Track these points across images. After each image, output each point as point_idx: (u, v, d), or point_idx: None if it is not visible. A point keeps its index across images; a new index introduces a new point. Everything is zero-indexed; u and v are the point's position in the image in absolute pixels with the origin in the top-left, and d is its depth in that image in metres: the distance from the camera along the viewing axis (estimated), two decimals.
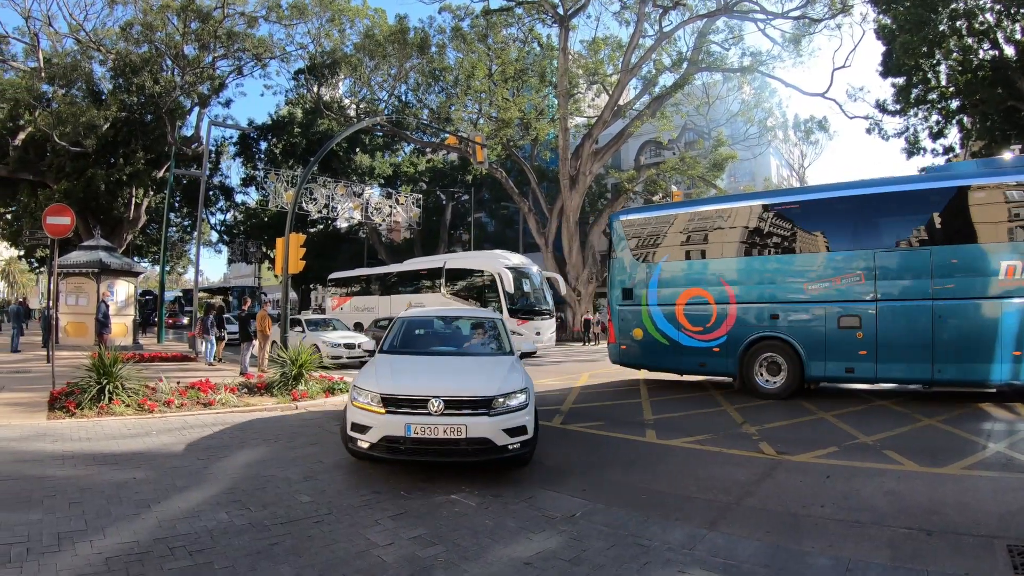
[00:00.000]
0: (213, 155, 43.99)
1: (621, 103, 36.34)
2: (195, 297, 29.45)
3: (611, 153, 38.06)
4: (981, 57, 23.40)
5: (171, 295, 56.92)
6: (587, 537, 5.58)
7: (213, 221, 54.46)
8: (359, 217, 41.85)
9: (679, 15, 33.64)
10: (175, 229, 49.17)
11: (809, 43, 32.48)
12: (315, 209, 37.44)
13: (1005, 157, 15.69)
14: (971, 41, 23.38)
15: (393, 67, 38.73)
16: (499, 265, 25.50)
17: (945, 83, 24.41)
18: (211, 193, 47.26)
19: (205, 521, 5.76)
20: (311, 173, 32.46)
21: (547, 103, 41.28)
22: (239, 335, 18.85)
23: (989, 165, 12.96)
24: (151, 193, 39.79)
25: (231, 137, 49.70)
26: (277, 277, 29.71)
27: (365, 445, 7.05)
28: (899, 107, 25.53)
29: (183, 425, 10.16)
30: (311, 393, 13.15)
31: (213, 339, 20.61)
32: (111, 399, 10.95)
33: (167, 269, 38.65)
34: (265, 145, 51.34)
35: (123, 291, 25.39)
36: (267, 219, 48.83)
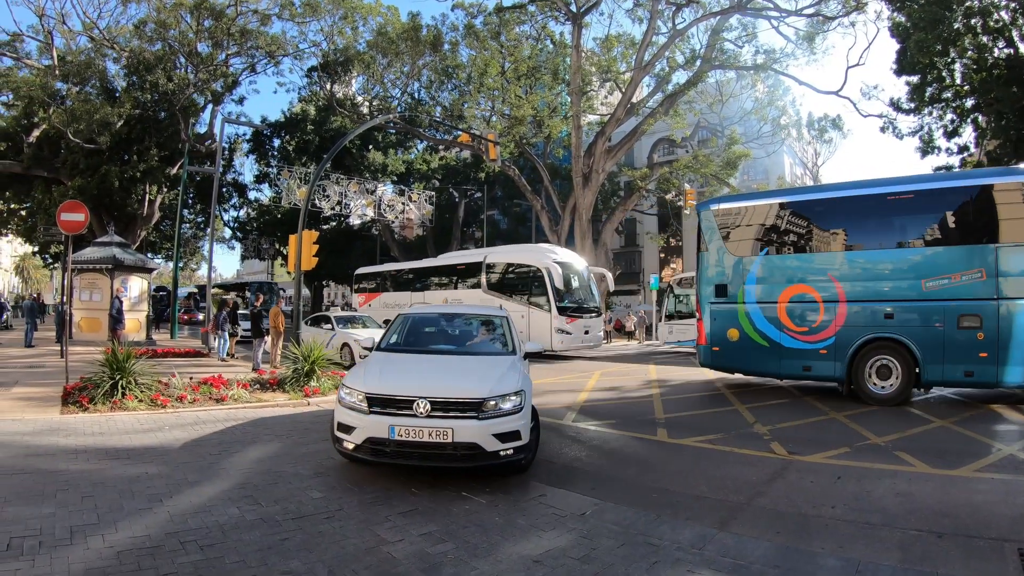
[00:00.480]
0: (226, 152, 44.18)
1: (634, 101, 36.20)
2: (208, 293, 29.57)
3: (624, 151, 37.91)
4: (996, 55, 23.20)
5: (185, 291, 57.25)
6: (597, 535, 5.57)
7: (226, 218, 54.75)
8: (372, 214, 41.89)
9: (692, 12, 33.52)
10: (188, 226, 49.41)
11: (823, 41, 32.32)
12: (328, 206, 37.51)
13: None
14: (986, 39, 23.19)
15: (406, 64, 38.73)
16: (547, 259, 24.28)
17: (960, 81, 24.23)
18: (224, 190, 47.49)
19: (216, 516, 5.79)
20: (324, 170, 32.47)
21: (560, 101, 41.18)
22: (251, 331, 18.91)
23: None
24: (165, 190, 40.01)
25: (244, 134, 49.98)
26: (290, 274, 29.84)
27: (350, 446, 6.83)
28: (913, 106, 25.35)
29: (195, 420, 10.21)
30: (323, 389, 13.16)
31: (226, 335, 20.71)
32: (124, 394, 11.01)
33: (180, 265, 38.81)
34: (278, 142, 51.58)
35: (136, 287, 25.56)
36: (280, 216, 48.95)
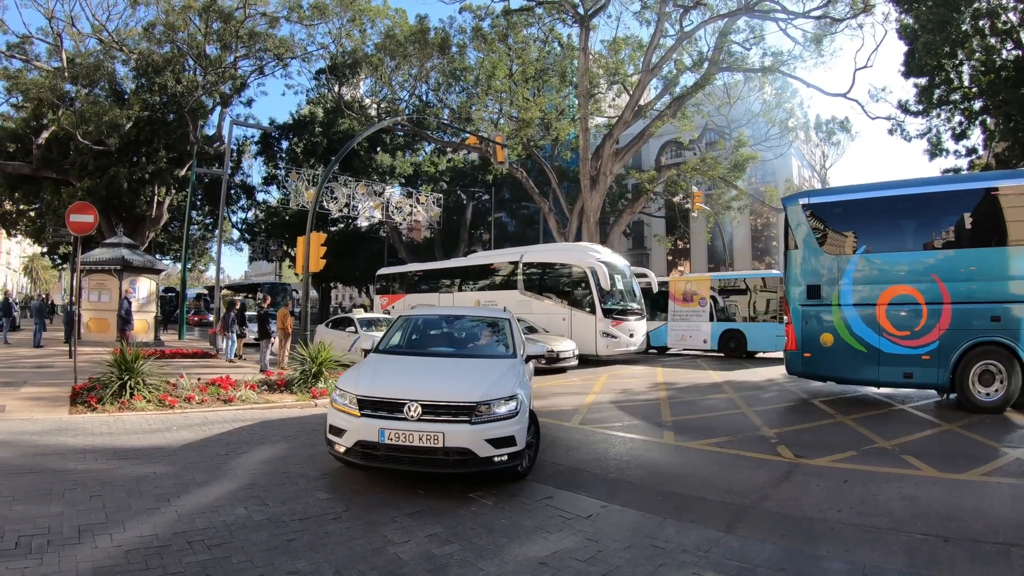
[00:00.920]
0: (235, 154, 44.25)
1: (642, 103, 36.18)
2: (217, 294, 29.66)
3: (632, 153, 37.90)
4: (1004, 57, 23.09)
5: (194, 292, 57.41)
6: (603, 538, 5.58)
7: (234, 219, 54.99)
8: (380, 216, 41.99)
9: (700, 15, 33.49)
10: (197, 227, 49.50)
11: (831, 43, 32.23)
12: (336, 208, 37.56)
13: None
14: (994, 41, 23.09)
15: (414, 67, 38.73)
16: (591, 259, 23.11)
17: (968, 83, 24.09)
18: (232, 192, 47.61)
19: (224, 516, 5.82)
20: (332, 172, 32.55)
21: (568, 103, 41.19)
22: (258, 332, 18.95)
23: None
24: (173, 191, 40.07)
25: (253, 136, 50.09)
26: (298, 275, 29.88)
27: (341, 449, 6.77)
28: (921, 108, 25.22)
29: (203, 421, 10.25)
30: (331, 391, 13.16)
31: (234, 336, 20.77)
32: (132, 395, 11.08)
33: (188, 267, 38.93)
34: (286, 144, 51.66)
35: (145, 288, 25.66)
36: (288, 218, 49.08)
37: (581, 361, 21.23)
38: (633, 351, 23.47)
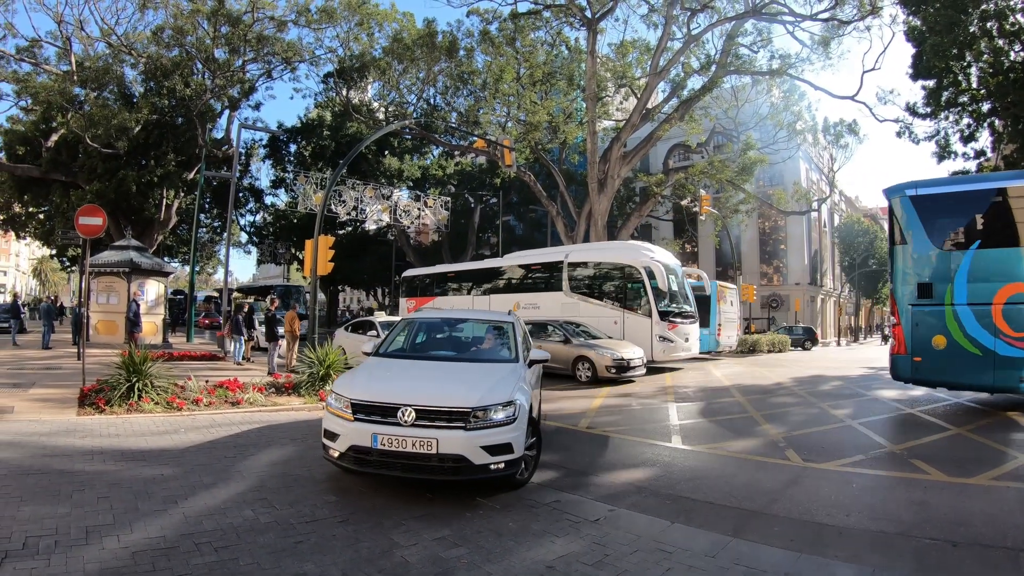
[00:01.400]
0: (243, 157, 44.44)
1: (649, 106, 36.14)
2: (224, 297, 29.73)
3: (639, 156, 37.88)
4: (1012, 59, 22.95)
5: (203, 295, 57.53)
6: (610, 541, 5.55)
7: (243, 222, 55.08)
8: (387, 219, 42.02)
9: (707, 18, 33.48)
10: (205, 230, 49.69)
11: (838, 45, 32.18)
12: (344, 211, 37.61)
13: None
14: (1002, 43, 22.96)
15: (421, 71, 38.77)
16: (645, 258, 22.01)
17: (976, 85, 23.96)
18: (241, 195, 47.70)
19: (231, 518, 5.81)
20: (340, 176, 32.59)
21: (575, 106, 41.16)
22: (266, 335, 18.97)
23: None
24: (182, 194, 40.23)
25: (261, 139, 50.29)
26: (306, 278, 29.92)
27: (335, 454, 6.62)
28: (929, 110, 25.08)
29: (211, 423, 10.25)
30: None
31: (242, 339, 20.80)
32: (140, 397, 11.08)
33: (197, 269, 39.04)
34: (294, 147, 51.90)
35: (153, 291, 25.73)
36: (296, 221, 49.22)
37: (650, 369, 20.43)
38: (687, 356, 22.75)
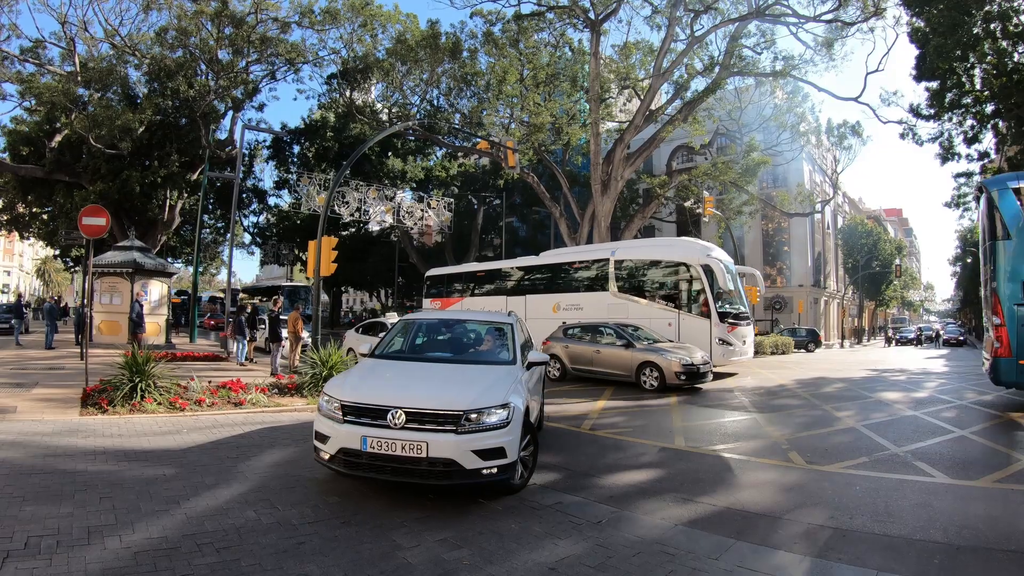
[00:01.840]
0: (246, 158, 44.44)
1: (653, 108, 36.08)
2: (228, 297, 29.75)
3: (643, 158, 37.81)
4: (1016, 60, 22.96)
5: (208, 295, 57.60)
6: (613, 544, 5.52)
7: (246, 223, 55.10)
8: (391, 221, 42.08)
9: (710, 19, 33.42)
10: (208, 231, 49.68)
11: (842, 47, 32.09)
12: (347, 212, 37.65)
13: None
14: (1006, 44, 22.96)
15: (425, 72, 38.77)
16: (702, 254, 20.72)
17: (980, 87, 23.96)
18: (244, 195, 47.74)
19: (233, 519, 5.80)
20: (343, 177, 32.56)
21: (579, 108, 41.12)
22: (269, 336, 18.95)
23: None
24: (185, 195, 40.30)
25: (264, 140, 50.30)
26: (309, 279, 29.91)
27: (325, 456, 6.54)
28: (933, 111, 25.09)
29: (213, 424, 10.24)
30: None
31: (245, 339, 20.79)
32: (143, 397, 11.08)
33: (200, 270, 39.10)
34: (298, 149, 51.93)
35: (156, 291, 25.70)
36: (299, 222, 49.24)
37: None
38: (743, 361, 21.63)
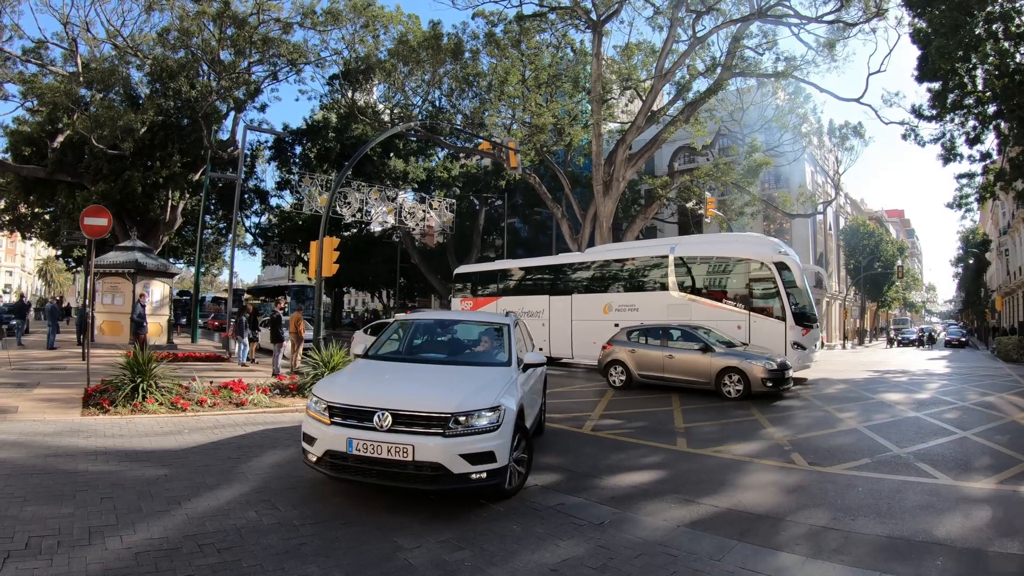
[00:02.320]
0: (248, 159, 44.38)
1: (655, 109, 36.06)
2: (230, 298, 29.77)
3: (645, 159, 37.80)
4: (1018, 61, 22.89)
5: (211, 295, 57.63)
6: (615, 545, 5.52)
7: (248, 224, 55.08)
8: (393, 221, 42.05)
9: (712, 20, 33.35)
10: (210, 231, 49.58)
11: (844, 48, 32.01)
12: (349, 213, 37.61)
13: None
14: (1008, 45, 22.87)
15: (427, 73, 38.73)
16: (774, 250, 19.53)
17: (982, 88, 23.87)
18: (246, 196, 47.72)
19: (234, 519, 5.79)
20: (345, 177, 32.54)
21: (580, 108, 41.10)
22: (271, 336, 18.94)
23: None
24: (187, 196, 40.27)
25: (266, 141, 50.16)
26: (311, 280, 29.90)
27: (312, 459, 6.44)
28: (935, 112, 24.99)
29: (215, 424, 10.24)
30: None
31: (246, 340, 20.79)
32: (145, 397, 11.09)
33: (202, 271, 39.09)
34: (300, 149, 51.91)
35: (158, 292, 25.71)
36: (301, 222, 49.20)
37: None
38: (810, 366, 20.13)
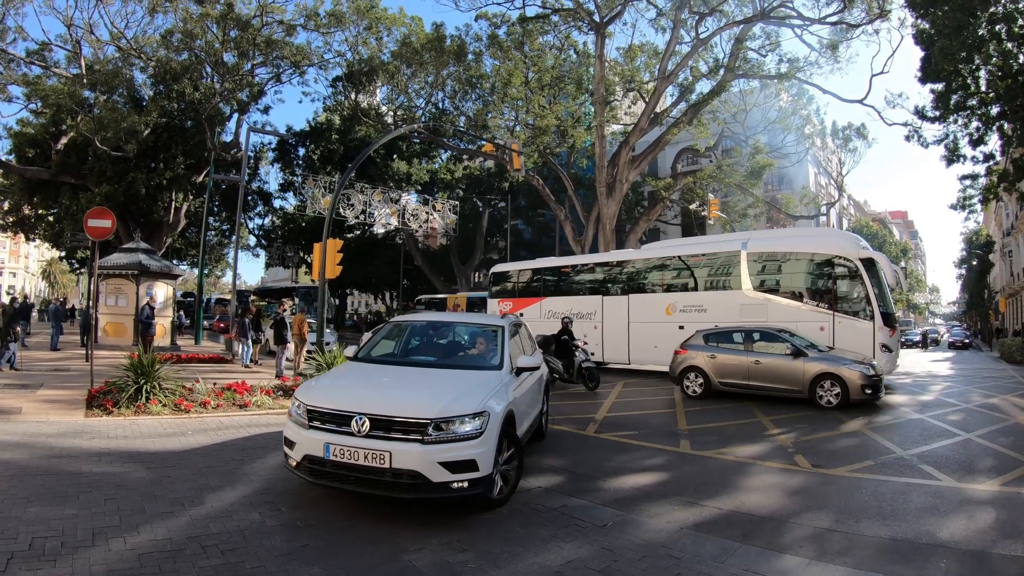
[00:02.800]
0: (252, 161, 44.45)
1: (658, 110, 36.01)
2: (233, 299, 29.78)
3: (648, 161, 37.75)
4: (1022, 62, 22.86)
5: (215, 296, 57.66)
6: (618, 547, 5.51)
7: (251, 225, 54.95)
8: (396, 223, 41.97)
9: (715, 21, 33.33)
10: (214, 233, 49.66)
11: (847, 49, 32.03)
12: (352, 215, 37.58)
13: None
14: (1011, 46, 22.82)
15: (430, 74, 38.73)
16: (858, 246, 18.16)
17: (985, 89, 23.82)
18: (249, 198, 47.71)
19: (238, 521, 5.79)
20: (348, 179, 32.52)
21: (584, 110, 41.06)
22: (274, 338, 18.94)
23: None
24: (190, 197, 40.35)
25: (270, 143, 50.09)
26: (314, 282, 29.90)
27: (292, 463, 6.35)
28: (938, 114, 24.93)
29: (218, 426, 10.24)
30: None
31: (250, 341, 20.79)
32: (148, 399, 11.09)
33: (205, 272, 39.11)
34: (303, 151, 51.88)
35: (161, 293, 25.74)
36: (304, 224, 49.22)
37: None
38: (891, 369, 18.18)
